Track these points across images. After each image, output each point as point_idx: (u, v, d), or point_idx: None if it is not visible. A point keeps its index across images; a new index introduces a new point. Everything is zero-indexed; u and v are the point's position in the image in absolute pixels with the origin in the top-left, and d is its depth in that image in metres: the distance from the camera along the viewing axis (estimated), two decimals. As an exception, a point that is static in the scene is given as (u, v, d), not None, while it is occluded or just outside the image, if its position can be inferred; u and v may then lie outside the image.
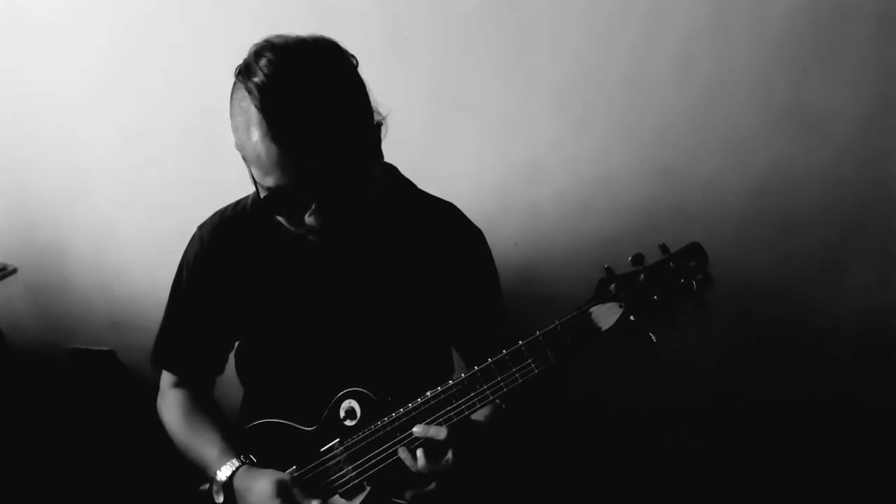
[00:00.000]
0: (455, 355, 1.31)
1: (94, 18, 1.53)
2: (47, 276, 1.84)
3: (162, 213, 1.68)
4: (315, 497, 0.98)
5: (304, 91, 0.82)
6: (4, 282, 1.76)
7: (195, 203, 1.31)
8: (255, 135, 0.83)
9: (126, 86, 1.58)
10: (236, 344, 1.23)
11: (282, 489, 0.98)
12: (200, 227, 1.15)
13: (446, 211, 1.15)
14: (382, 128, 0.98)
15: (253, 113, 0.82)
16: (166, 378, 1.22)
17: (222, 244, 1.11)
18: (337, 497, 1.02)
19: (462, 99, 1.45)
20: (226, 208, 1.15)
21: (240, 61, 0.89)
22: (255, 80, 0.82)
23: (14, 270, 1.79)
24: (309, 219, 0.89)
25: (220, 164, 1.59)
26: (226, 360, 1.23)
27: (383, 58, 1.42)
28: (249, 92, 0.82)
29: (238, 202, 1.15)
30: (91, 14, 1.53)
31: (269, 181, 0.86)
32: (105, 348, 1.90)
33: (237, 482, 1.02)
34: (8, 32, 1.58)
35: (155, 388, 1.25)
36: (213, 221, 1.14)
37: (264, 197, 0.89)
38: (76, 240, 1.79)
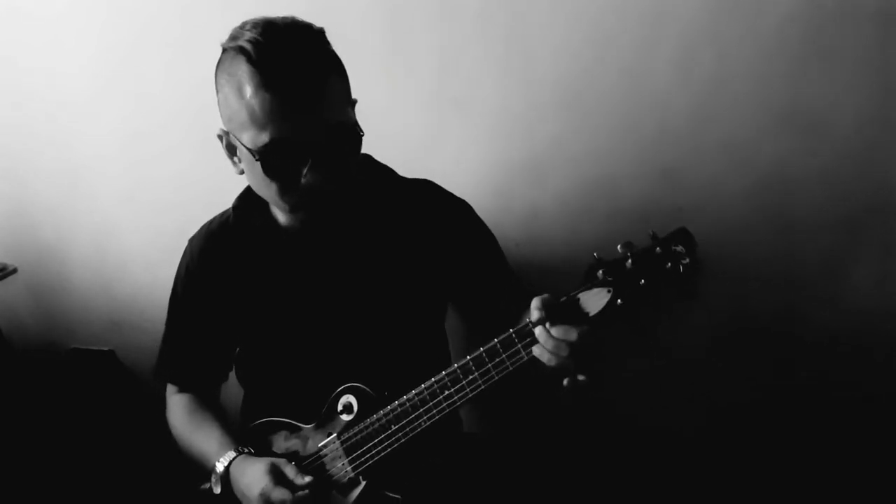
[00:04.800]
0: (451, 347, 1.31)
1: (92, 16, 1.53)
2: (47, 276, 1.84)
3: (162, 213, 1.69)
4: (305, 480, 0.99)
5: (293, 44, 0.85)
6: (4, 282, 1.76)
7: (195, 202, 1.31)
8: (248, 90, 0.85)
9: (125, 84, 1.58)
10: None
11: (273, 467, 0.99)
12: (190, 241, 1.17)
13: (426, 189, 1.15)
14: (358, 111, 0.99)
15: (244, 71, 0.85)
16: (171, 388, 1.24)
17: (211, 256, 1.12)
18: (333, 492, 1.03)
19: (462, 99, 1.45)
20: (212, 220, 1.17)
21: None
22: (245, 38, 0.85)
23: (14, 270, 1.79)
24: (305, 178, 0.89)
25: (219, 162, 1.59)
26: (229, 368, 1.24)
27: (383, 57, 1.42)
28: (240, 50, 0.85)
29: (223, 213, 1.16)
30: (88, 11, 1.53)
31: (265, 136, 0.86)
32: (105, 348, 1.90)
33: (234, 470, 1.03)
34: (7, 29, 1.58)
35: (155, 391, 1.25)
36: (201, 234, 1.16)
37: (260, 156, 0.88)
38: (76, 240, 1.79)
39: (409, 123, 1.48)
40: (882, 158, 1.36)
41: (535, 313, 0.89)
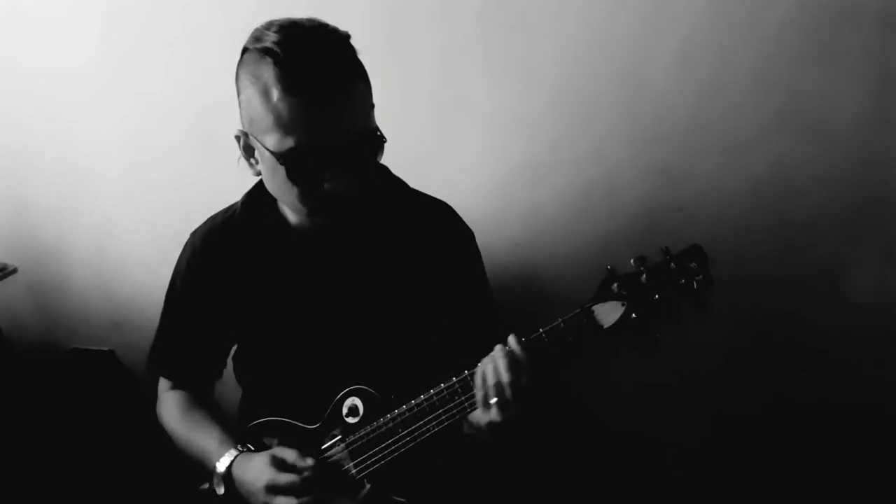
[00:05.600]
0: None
1: (92, 15, 1.53)
2: (47, 276, 1.84)
3: (162, 212, 1.69)
4: (308, 462, 0.99)
5: (320, 49, 0.84)
6: (4, 282, 1.76)
7: (195, 202, 1.31)
8: (275, 94, 0.84)
9: (125, 84, 1.59)
10: (233, 348, 1.23)
11: (274, 458, 0.99)
12: (192, 235, 1.15)
13: (439, 210, 1.15)
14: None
15: (271, 74, 0.84)
16: (164, 383, 1.23)
17: (214, 251, 1.11)
18: (338, 494, 1.02)
19: (462, 99, 1.45)
20: (216, 215, 1.16)
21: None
22: (272, 40, 0.83)
23: (14, 270, 1.79)
24: (329, 183, 0.89)
25: (219, 162, 1.59)
26: (224, 364, 1.24)
27: (383, 57, 1.41)
28: (266, 52, 0.84)
29: (228, 208, 1.15)
30: (88, 11, 1.53)
31: (290, 141, 0.86)
32: (105, 348, 1.90)
33: (235, 469, 1.03)
34: (7, 29, 1.58)
35: (154, 391, 1.25)
36: (204, 228, 1.14)
37: (284, 161, 0.87)
38: (76, 240, 1.79)
39: (409, 123, 1.48)
40: (881, 159, 1.37)
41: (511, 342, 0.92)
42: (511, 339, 0.92)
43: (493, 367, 0.91)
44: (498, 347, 0.93)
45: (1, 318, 1.84)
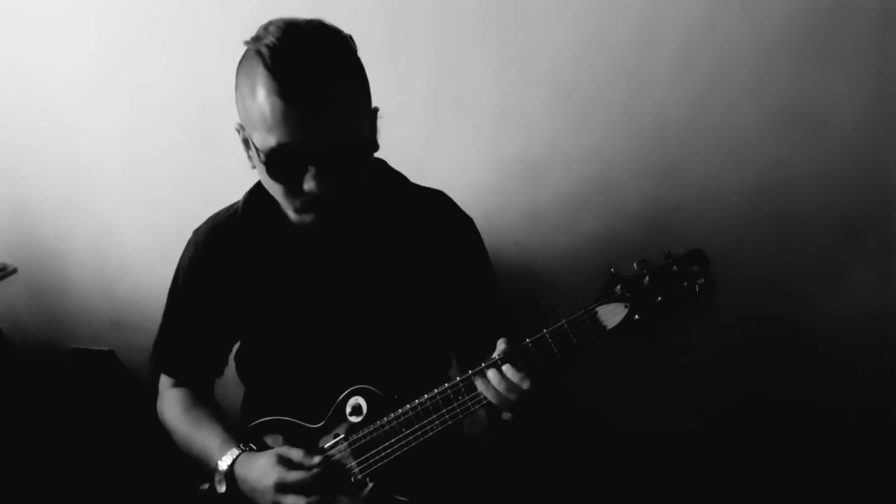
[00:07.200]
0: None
1: (90, 12, 1.54)
2: (47, 276, 1.84)
3: (162, 212, 1.69)
4: (315, 460, 1.00)
5: (311, 52, 0.85)
6: (4, 282, 1.77)
7: (195, 201, 1.32)
8: (261, 94, 0.85)
9: (124, 82, 1.59)
10: (236, 345, 1.23)
11: (281, 457, 1.00)
12: (195, 233, 1.16)
13: (436, 200, 1.15)
14: (378, 119, 0.99)
15: (260, 73, 0.85)
16: (165, 380, 1.23)
17: (217, 248, 1.12)
18: (340, 494, 1.03)
19: (461, 98, 1.45)
20: (219, 213, 1.16)
21: (237, 58, 0.92)
22: (266, 41, 0.85)
23: (14, 270, 1.79)
24: (308, 184, 0.89)
25: (218, 161, 1.59)
26: (225, 362, 1.24)
27: (382, 57, 1.42)
28: (258, 53, 0.85)
29: (231, 206, 1.15)
30: (87, 8, 1.53)
31: (272, 140, 0.87)
32: (105, 348, 1.90)
33: (238, 468, 1.03)
34: (5, 27, 1.58)
35: (154, 390, 1.25)
36: (207, 226, 1.15)
37: (265, 158, 0.89)
38: (76, 240, 1.79)
39: (408, 123, 1.48)
40: (882, 158, 1.37)
41: (498, 351, 0.93)
42: (506, 367, 0.93)
43: (489, 388, 0.93)
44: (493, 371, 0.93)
45: (1, 318, 1.84)
